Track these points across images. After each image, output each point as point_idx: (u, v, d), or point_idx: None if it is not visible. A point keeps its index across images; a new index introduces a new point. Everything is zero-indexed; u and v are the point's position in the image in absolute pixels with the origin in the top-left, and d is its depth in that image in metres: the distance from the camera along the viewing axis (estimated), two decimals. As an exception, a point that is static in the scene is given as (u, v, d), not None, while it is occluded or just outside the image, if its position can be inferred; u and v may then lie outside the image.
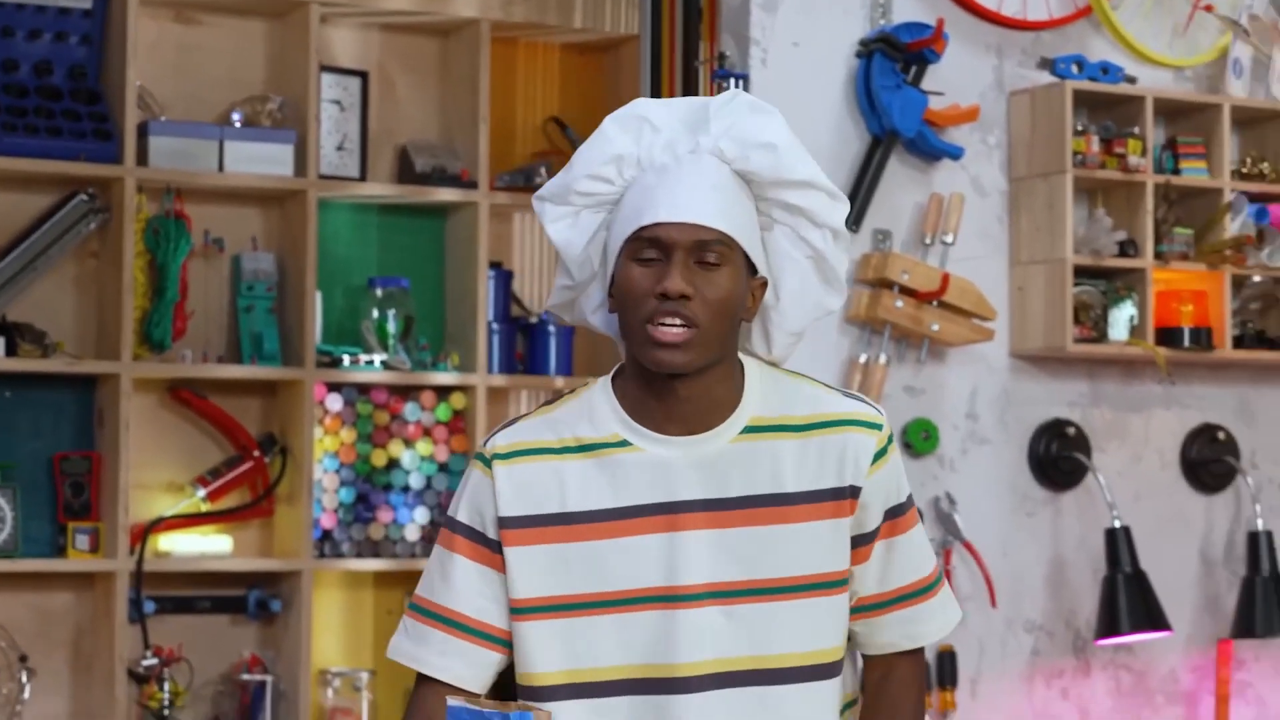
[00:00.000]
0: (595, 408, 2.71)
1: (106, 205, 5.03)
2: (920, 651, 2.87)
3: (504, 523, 2.68)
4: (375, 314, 5.27)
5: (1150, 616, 5.09)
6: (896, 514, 2.75)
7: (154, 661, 5.00)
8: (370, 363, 5.22)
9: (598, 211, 2.70)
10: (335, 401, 5.22)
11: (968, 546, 5.08)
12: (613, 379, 2.73)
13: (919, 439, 5.05)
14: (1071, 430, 5.27)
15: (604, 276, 2.72)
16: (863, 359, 5.00)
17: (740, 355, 2.71)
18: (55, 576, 5.04)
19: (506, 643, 2.73)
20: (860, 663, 2.89)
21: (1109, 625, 5.09)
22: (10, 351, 4.91)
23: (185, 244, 5.08)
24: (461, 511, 2.73)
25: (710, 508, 2.67)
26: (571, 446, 2.71)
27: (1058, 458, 5.24)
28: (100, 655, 5.00)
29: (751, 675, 2.67)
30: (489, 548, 2.71)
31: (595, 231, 2.70)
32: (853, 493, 2.67)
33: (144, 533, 5.06)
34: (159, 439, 5.17)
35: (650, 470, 2.67)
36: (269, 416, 5.27)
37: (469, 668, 2.74)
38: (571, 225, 2.71)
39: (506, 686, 2.78)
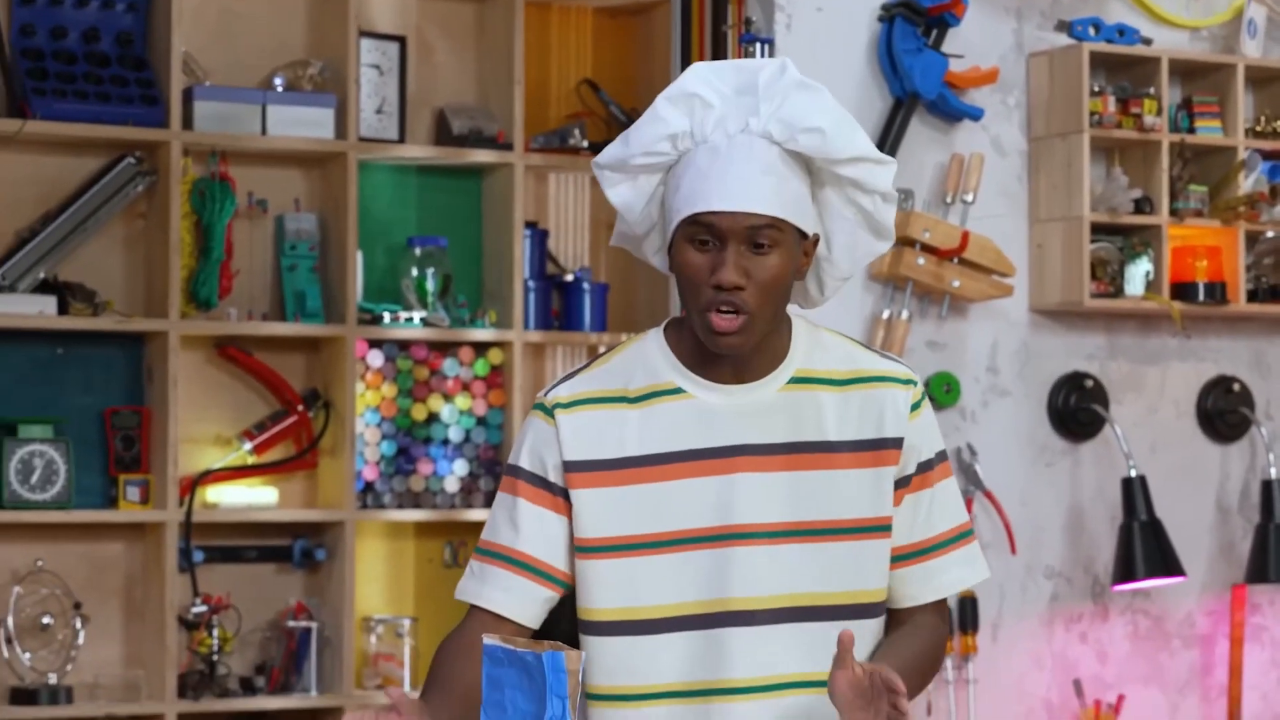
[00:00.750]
0: (649, 357, 2.83)
1: (153, 168, 5.08)
2: (943, 603, 2.94)
3: (569, 466, 2.79)
4: (414, 272, 5.32)
5: (1165, 563, 5.20)
6: (928, 467, 2.86)
7: (203, 609, 5.08)
8: (410, 320, 5.27)
9: (654, 174, 2.80)
10: (376, 358, 5.27)
11: (989, 496, 5.20)
12: (664, 330, 2.84)
13: (941, 392, 5.16)
14: (1089, 383, 5.36)
15: (663, 228, 2.83)
16: (886, 315, 5.11)
17: (789, 312, 2.82)
18: (107, 527, 5.10)
19: (562, 582, 2.83)
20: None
21: (1125, 571, 5.21)
22: (62, 310, 4.98)
23: (230, 205, 5.13)
24: (524, 458, 2.83)
25: (760, 452, 2.78)
26: (630, 396, 2.82)
27: (1076, 409, 5.33)
28: (151, 603, 5.08)
29: (801, 611, 2.77)
30: (550, 491, 2.81)
31: (653, 191, 2.81)
32: (895, 444, 2.80)
33: (192, 485, 5.12)
34: (206, 394, 5.23)
35: (704, 416, 2.78)
36: (312, 372, 5.32)
37: (523, 603, 2.83)
38: (631, 189, 2.81)
39: (549, 632, 2.88)
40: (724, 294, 2.70)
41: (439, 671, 2.82)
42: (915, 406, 2.85)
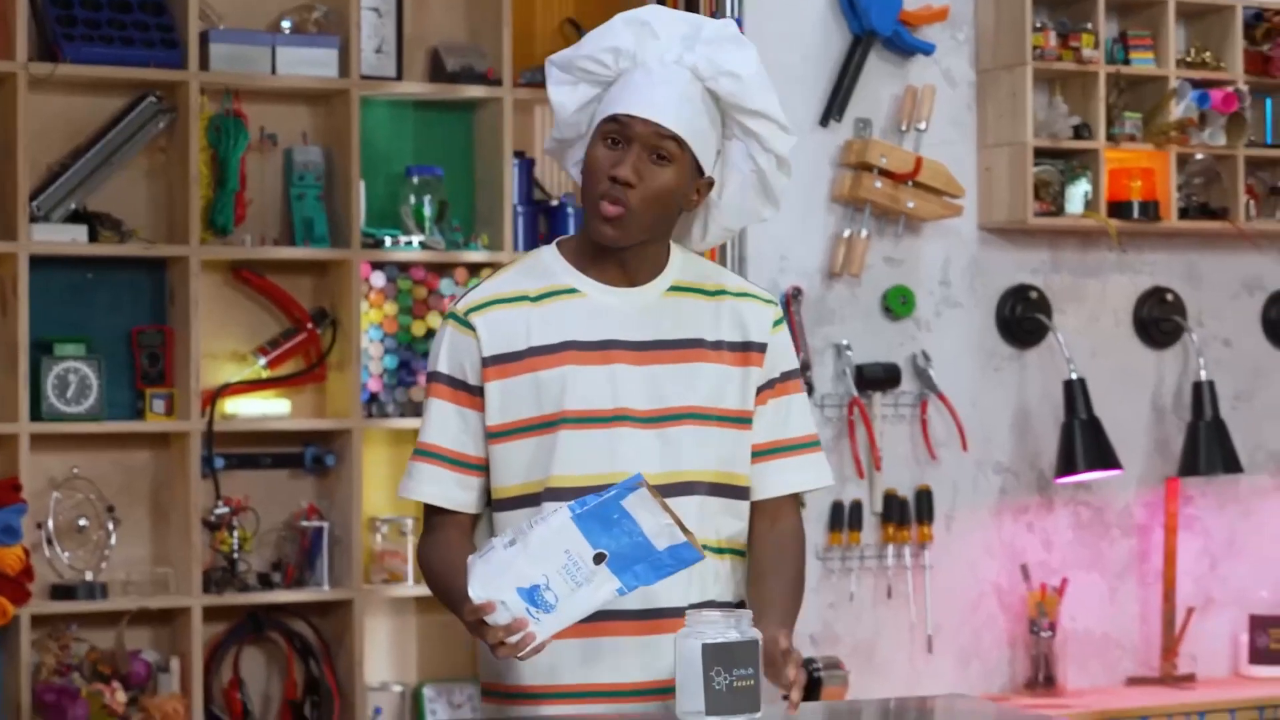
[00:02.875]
0: (546, 265, 3.06)
1: (173, 106, 5.16)
2: (798, 509, 3.14)
3: (486, 362, 2.99)
4: (412, 199, 5.39)
5: (1103, 457, 5.39)
6: (787, 378, 3.09)
7: (224, 511, 5.20)
8: (409, 243, 5.34)
9: (593, 86, 3.03)
10: (379, 278, 5.34)
11: (942, 398, 5.40)
12: (557, 244, 3.09)
13: (898, 303, 5.36)
14: (1034, 294, 5.54)
15: (584, 143, 3.05)
16: (846, 234, 5.31)
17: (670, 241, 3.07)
18: (135, 437, 5.20)
19: (482, 467, 3.01)
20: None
21: (1067, 465, 5.41)
22: (92, 238, 5.07)
23: (243, 139, 5.20)
24: (441, 364, 3.02)
25: (646, 347, 3.01)
26: (530, 295, 3.01)
27: (1022, 319, 5.52)
28: (177, 506, 5.19)
29: (685, 486, 3.00)
30: (468, 391, 3.01)
31: (586, 103, 3.04)
32: (760, 348, 3.06)
33: (212, 397, 5.19)
34: (224, 314, 5.30)
35: (597, 313, 3.01)
36: (320, 293, 5.39)
37: (459, 492, 3.02)
38: (569, 92, 3.05)
39: None
40: (615, 186, 2.93)
41: (434, 568, 3.01)
42: (776, 323, 3.08)
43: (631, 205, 2.95)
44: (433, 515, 3.08)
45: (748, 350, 3.06)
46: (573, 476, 2.99)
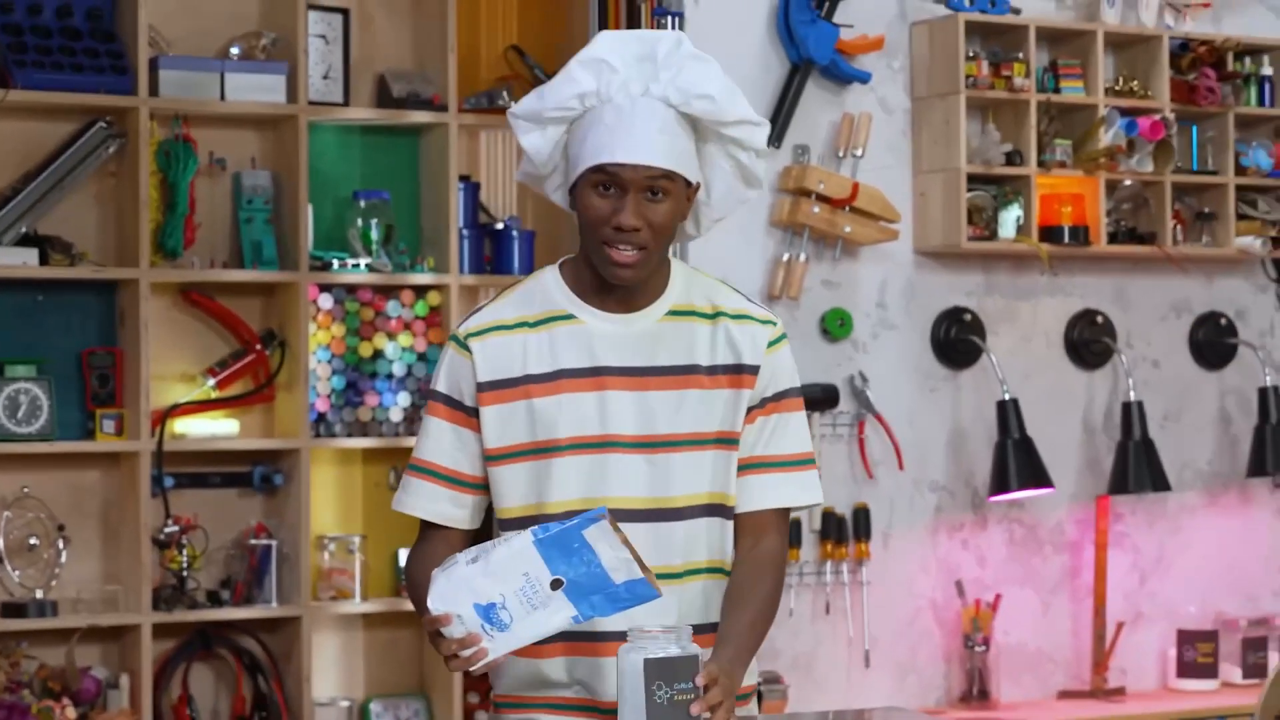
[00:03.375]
0: (546, 289, 3.10)
1: (123, 131, 5.17)
2: (785, 531, 3.12)
3: (480, 387, 3.06)
4: (360, 223, 5.42)
5: (1035, 475, 5.46)
6: (783, 396, 3.12)
7: (174, 529, 5.21)
8: (356, 266, 5.37)
9: (560, 125, 3.06)
10: (326, 300, 5.36)
11: (879, 418, 5.46)
12: (559, 267, 3.13)
13: (835, 326, 5.42)
14: (968, 316, 5.61)
15: (565, 170, 3.08)
16: (785, 257, 5.37)
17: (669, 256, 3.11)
18: (86, 456, 5.20)
19: (480, 486, 3.06)
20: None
21: (1000, 483, 5.48)
22: (43, 261, 5.07)
23: (192, 164, 5.22)
24: (441, 384, 3.07)
25: (639, 373, 3.04)
26: (529, 321, 3.06)
27: (956, 340, 5.59)
28: (127, 524, 5.19)
29: (673, 512, 3.05)
30: (464, 412, 3.07)
31: (559, 139, 3.06)
32: (753, 370, 3.08)
33: (162, 418, 5.20)
34: (173, 335, 5.31)
35: (593, 340, 3.05)
36: (269, 314, 5.41)
37: (452, 508, 3.07)
38: (540, 136, 3.07)
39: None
40: (622, 234, 2.98)
41: (415, 579, 3.07)
42: (774, 342, 3.10)
43: (645, 243, 3.00)
44: (425, 529, 3.14)
45: (740, 373, 3.10)
46: (566, 502, 3.03)
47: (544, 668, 3.08)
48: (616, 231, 2.99)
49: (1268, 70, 5.92)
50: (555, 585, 2.85)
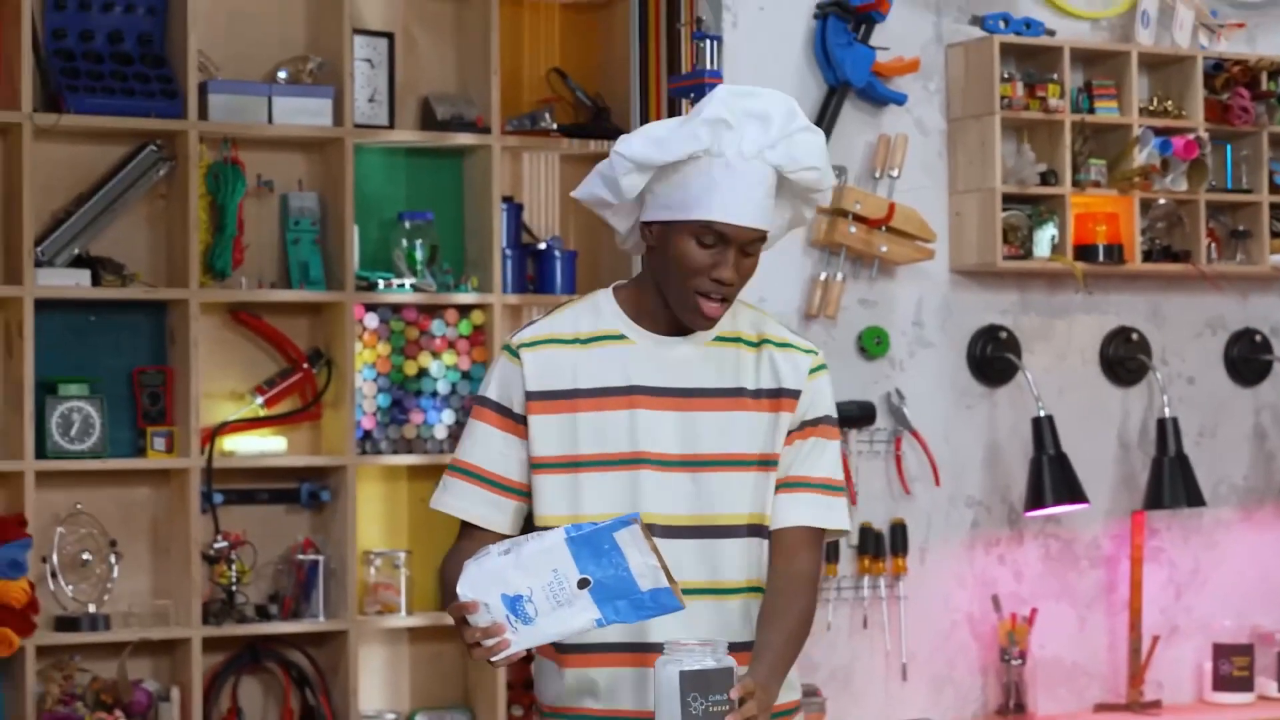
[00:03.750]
0: (599, 309, 3.21)
1: (173, 154, 5.20)
2: (820, 551, 3.20)
3: (530, 396, 3.14)
4: (405, 243, 5.44)
5: (1070, 491, 5.48)
6: (820, 422, 3.22)
7: (223, 545, 5.24)
8: (401, 286, 5.39)
9: (650, 170, 3.14)
10: (372, 320, 5.38)
11: (915, 435, 5.50)
12: (613, 291, 3.23)
13: (872, 344, 5.47)
14: (1004, 334, 5.65)
15: (636, 204, 3.16)
16: (823, 276, 5.41)
17: None
18: (137, 473, 5.23)
19: (522, 492, 3.15)
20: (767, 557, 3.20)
21: (1036, 499, 5.51)
22: (95, 282, 5.11)
23: (241, 186, 5.25)
24: (491, 390, 3.18)
25: (683, 394, 3.15)
26: (581, 338, 3.18)
27: (992, 358, 5.63)
28: (177, 540, 5.22)
29: (720, 530, 3.14)
30: (512, 419, 3.16)
31: (649, 178, 3.15)
32: (793, 395, 3.18)
33: (211, 435, 5.23)
34: (222, 354, 5.34)
35: (643, 359, 3.16)
36: (315, 333, 5.43)
37: (492, 511, 3.16)
38: (640, 178, 3.13)
39: None
40: (720, 287, 3.10)
41: (447, 578, 3.11)
42: (814, 370, 3.21)
43: (731, 296, 3.13)
44: (463, 531, 3.21)
45: (780, 396, 3.19)
46: (599, 515, 3.07)
47: (592, 676, 3.14)
48: (716, 284, 3.10)
49: None
50: (583, 584, 2.91)
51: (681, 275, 3.12)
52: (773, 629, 3.12)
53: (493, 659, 2.94)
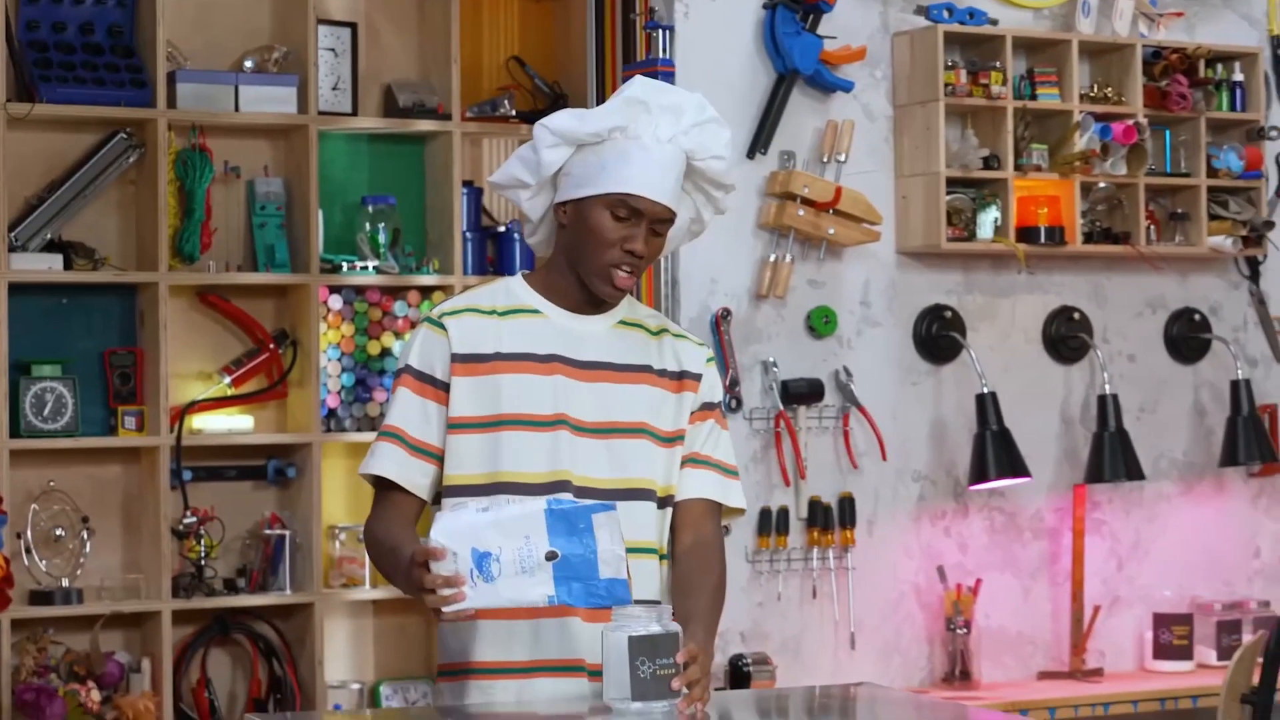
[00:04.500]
0: (512, 290, 3.39)
1: (142, 142, 5.26)
2: (719, 524, 3.36)
3: (455, 359, 3.27)
4: (368, 227, 5.49)
5: (1013, 465, 5.55)
6: (716, 407, 3.40)
7: (192, 520, 5.28)
8: (365, 268, 5.45)
9: (574, 147, 3.29)
10: (336, 301, 5.45)
11: (863, 411, 5.57)
12: (524, 277, 3.39)
13: (821, 323, 5.53)
14: (948, 313, 5.71)
15: (550, 189, 3.33)
16: (772, 258, 5.48)
17: None
18: (108, 451, 5.28)
19: (436, 456, 3.26)
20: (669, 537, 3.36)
21: (979, 473, 5.57)
22: (67, 265, 5.17)
23: (208, 172, 5.31)
24: (413, 359, 3.32)
25: (593, 367, 3.31)
26: (498, 310, 3.34)
27: (937, 336, 5.69)
28: (147, 516, 5.27)
29: (637, 492, 3.28)
30: (434, 385, 3.29)
31: (565, 160, 3.31)
32: (695, 377, 3.38)
33: (180, 414, 5.27)
34: (191, 336, 5.39)
35: (557, 332, 3.32)
36: (281, 315, 5.49)
37: (414, 474, 3.25)
38: (561, 153, 3.30)
39: None
40: (630, 259, 3.26)
41: (378, 536, 3.25)
42: (709, 360, 3.43)
43: (638, 271, 3.29)
44: (383, 494, 3.30)
45: (683, 378, 3.38)
46: (519, 473, 3.22)
47: (491, 629, 3.24)
48: (628, 256, 3.25)
49: (1239, 76, 6.02)
50: (549, 557, 3.01)
51: (595, 247, 3.27)
52: (697, 596, 3.26)
53: (445, 609, 3.02)
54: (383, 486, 3.32)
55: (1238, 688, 5.13)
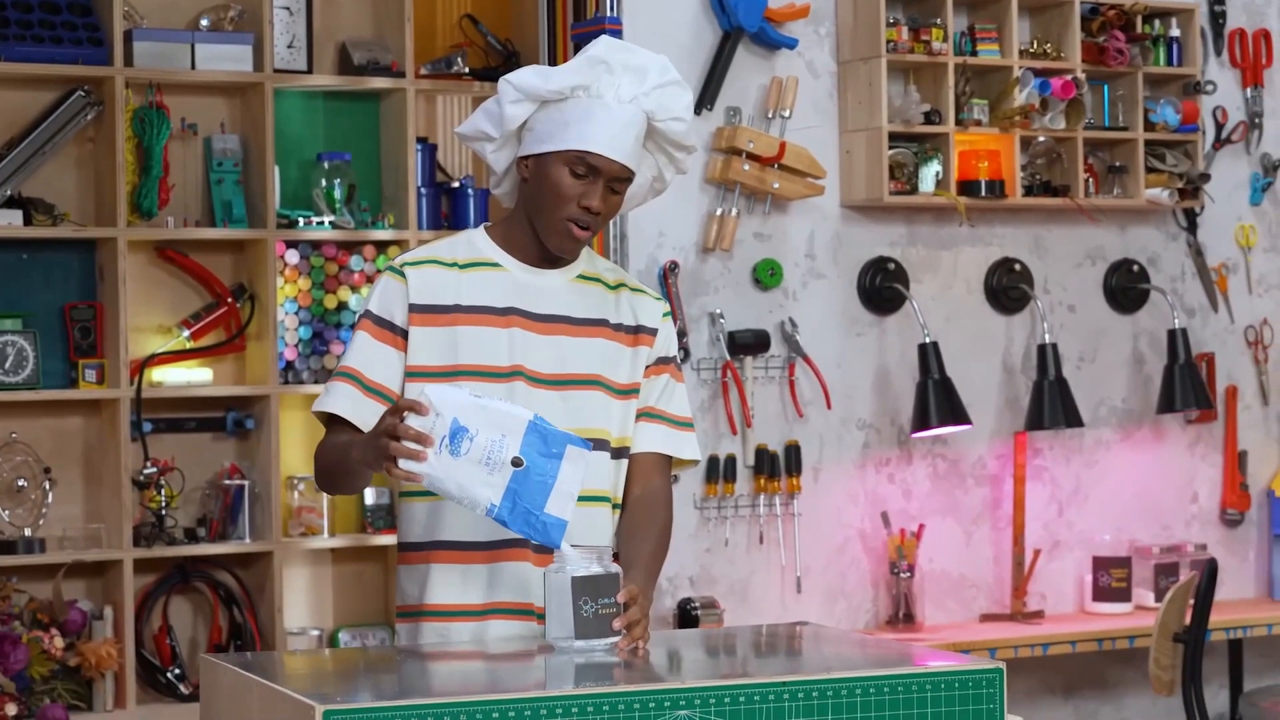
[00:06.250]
0: (473, 242, 3.40)
1: (100, 99, 5.26)
2: (669, 475, 3.40)
3: (414, 309, 3.30)
4: (323, 183, 5.50)
5: (954, 413, 5.65)
6: (671, 362, 3.45)
7: (152, 471, 5.31)
8: (321, 223, 5.45)
9: (537, 104, 3.32)
10: (293, 256, 5.45)
11: (808, 361, 5.64)
12: (486, 230, 3.42)
13: (767, 275, 5.60)
14: (892, 265, 5.79)
15: (516, 140, 3.36)
16: (718, 212, 5.55)
17: None
18: (69, 404, 5.30)
19: (390, 399, 3.25)
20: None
21: (922, 421, 5.67)
22: (26, 221, 5.17)
23: (166, 129, 5.31)
24: (373, 305, 3.31)
25: (550, 320, 3.34)
26: (459, 263, 3.34)
27: (881, 288, 5.78)
28: (108, 467, 5.28)
29: (594, 442, 3.28)
30: (392, 331, 3.28)
31: (528, 115, 3.35)
32: (651, 332, 3.42)
33: (140, 367, 5.29)
34: (150, 290, 5.40)
35: (516, 285, 3.35)
36: (239, 269, 5.49)
37: (365, 414, 3.25)
38: (524, 108, 3.34)
39: None
40: (587, 215, 3.31)
41: (327, 446, 3.29)
42: (665, 315, 3.45)
43: (595, 228, 3.33)
44: (334, 428, 3.33)
45: (639, 333, 3.42)
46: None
47: (446, 572, 3.31)
48: (584, 211, 3.30)
49: (1175, 32, 6.08)
50: (516, 463, 3.06)
51: (553, 202, 3.32)
52: (641, 543, 3.35)
53: (400, 461, 3.06)
54: (333, 425, 3.36)
55: (1170, 627, 5.28)
